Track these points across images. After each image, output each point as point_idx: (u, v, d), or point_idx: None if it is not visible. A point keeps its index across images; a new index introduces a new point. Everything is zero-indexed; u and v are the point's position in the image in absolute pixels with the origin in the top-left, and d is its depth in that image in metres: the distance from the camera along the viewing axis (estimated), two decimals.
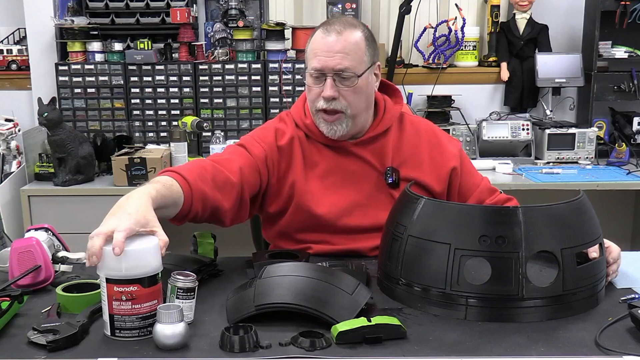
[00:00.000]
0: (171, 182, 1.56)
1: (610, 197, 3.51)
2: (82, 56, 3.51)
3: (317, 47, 1.75)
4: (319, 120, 1.80)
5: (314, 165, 1.83)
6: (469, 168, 1.94)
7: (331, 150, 1.83)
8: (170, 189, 1.54)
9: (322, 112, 1.77)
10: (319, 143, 1.84)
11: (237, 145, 1.83)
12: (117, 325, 1.26)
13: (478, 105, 3.69)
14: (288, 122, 1.88)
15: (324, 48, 1.74)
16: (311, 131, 1.84)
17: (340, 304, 1.32)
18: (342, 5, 3.59)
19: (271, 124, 1.90)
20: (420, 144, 1.88)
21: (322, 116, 1.78)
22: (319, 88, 1.76)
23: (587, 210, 1.43)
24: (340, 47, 1.72)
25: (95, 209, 3.07)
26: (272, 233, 1.90)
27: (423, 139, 1.89)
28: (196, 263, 1.57)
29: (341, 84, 1.74)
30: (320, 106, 1.76)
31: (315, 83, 1.77)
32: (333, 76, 1.73)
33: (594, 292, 1.41)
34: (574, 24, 3.68)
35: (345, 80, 1.74)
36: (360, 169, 1.83)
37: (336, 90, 1.74)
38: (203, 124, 3.27)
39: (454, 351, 1.23)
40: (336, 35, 1.73)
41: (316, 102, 1.77)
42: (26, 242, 1.53)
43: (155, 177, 1.59)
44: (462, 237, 1.35)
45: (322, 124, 1.80)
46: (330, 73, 1.73)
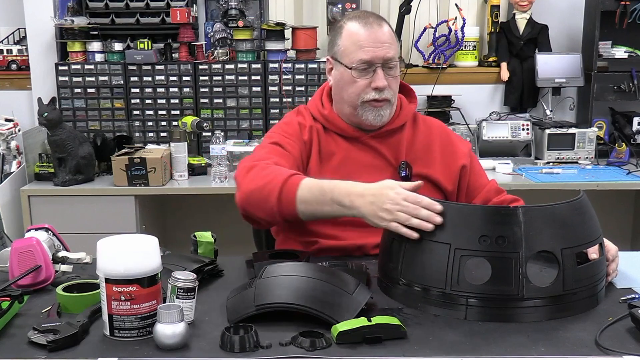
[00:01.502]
0: None
1: (610, 197, 3.51)
2: (82, 56, 3.51)
3: (361, 38, 1.76)
4: (364, 111, 1.80)
5: (330, 156, 1.84)
6: (478, 168, 1.96)
7: (347, 142, 1.85)
8: None
9: (370, 102, 1.78)
10: (336, 134, 1.86)
11: (273, 145, 1.81)
12: (116, 325, 1.26)
13: (478, 105, 3.69)
14: (306, 115, 1.89)
15: (370, 39, 1.75)
16: (329, 121, 1.85)
17: (341, 304, 1.32)
18: (342, 5, 3.60)
19: (292, 118, 1.90)
20: (432, 142, 1.90)
21: (370, 105, 1.79)
22: (366, 80, 1.77)
23: (587, 210, 1.43)
24: (385, 38, 1.77)
25: (95, 209, 3.09)
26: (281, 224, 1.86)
27: (435, 137, 1.91)
28: (196, 263, 1.57)
29: (387, 74, 1.77)
30: (372, 97, 1.78)
31: (362, 75, 1.77)
32: (382, 66, 1.76)
33: (594, 292, 1.41)
34: (574, 24, 3.68)
35: (391, 69, 1.78)
36: (374, 162, 1.84)
37: (386, 78, 1.77)
38: (203, 124, 3.27)
39: (454, 351, 1.23)
40: (378, 27, 1.77)
41: (364, 94, 1.78)
42: (26, 242, 1.53)
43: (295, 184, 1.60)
44: (462, 237, 1.35)
45: (368, 112, 1.80)
46: (380, 63, 1.75)
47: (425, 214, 1.39)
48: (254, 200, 1.64)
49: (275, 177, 1.62)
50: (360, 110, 1.81)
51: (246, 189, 1.66)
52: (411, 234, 1.40)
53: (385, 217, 1.45)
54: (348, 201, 1.52)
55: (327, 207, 1.56)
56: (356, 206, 1.51)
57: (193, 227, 2.02)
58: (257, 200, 1.63)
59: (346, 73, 1.79)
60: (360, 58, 1.75)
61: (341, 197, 1.53)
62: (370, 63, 1.76)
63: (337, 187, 1.56)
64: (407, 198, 1.43)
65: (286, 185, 1.60)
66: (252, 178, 1.66)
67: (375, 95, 1.77)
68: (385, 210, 1.45)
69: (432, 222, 1.38)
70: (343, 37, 1.80)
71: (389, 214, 1.44)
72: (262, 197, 1.62)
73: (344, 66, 1.79)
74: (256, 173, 1.66)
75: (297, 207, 1.60)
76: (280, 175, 1.62)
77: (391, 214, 1.44)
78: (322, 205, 1.57)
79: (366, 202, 1.49)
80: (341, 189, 1.55)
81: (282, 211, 1.61)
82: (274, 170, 1.65)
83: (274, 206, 1.61)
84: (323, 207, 1.57)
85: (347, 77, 1.79)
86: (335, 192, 1.55)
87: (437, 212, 1.39)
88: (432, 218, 1.38)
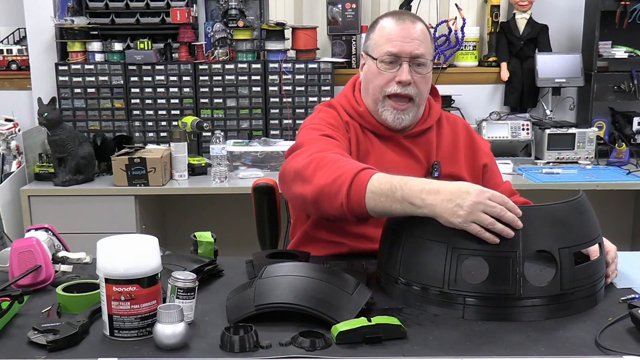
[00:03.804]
0: None
1: (610, 197, 3.51)
2: (82, 56, 3.51)
3: (392, 32, 1.77)
4: (384, 107, 1.80)
5: (366, 155, 1.82)
6: (495, 168, 1.98)
7: (382, 141, 1.84)
8: None
9: (390, 98, 1.78)
10: (372, 133, 1.85)
11: (326, 137, 1.73)
12: (116, 325, 1.26)
13: (478, 105, 3.70)
14: (341, 111, 1.86)
15: (400, 34, 1.76)
16: (365, 120, 1.84)
17: (341, 304, 1.32)
18: (342, 5, 3.60)
19: (332, 113, 1.85)
20: (457, 141, 1.92)
21: (389, 104, 1.78)
22: (391, 73, 1.77)
23: (586, 210, 1.43)
24: (416, 34, 1.77)
25: (95, 209, 3.09)
26: (310, 223, 1.85)
27: (459, 136, 1.93)
28: (196, 263, 1.57)
29: (414, 71, 1.77)
30: (393, 90, 1.77)
31: (388, 68, 1.77)
32: (409, 61, 1.76)
33: (592, 291, 1.41)
34: (574, 24, 3.68)
35: (419, 67, 1.77)
36: (408, 163, 1.84)
37: (411, 75, 1.76)
38: (203, 124, 3.27)
39: (454, 351, 1.23)
40: (411, 23, 1.78)
41: (386, 87, 1.78)
42: (26, 242, 1.53)
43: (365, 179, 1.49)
44: (460, 236, 1.35)
45: (387, 112, 1.80)
46: (407, 58, 1.76)
47: (510, 217, 1.32)
48: (325, 196, 1.53)
49: (345, 171, 1.51)
50: (381, 107, 1.80)
51: (317, 183, 1.55)
52: (493, 240, 1.32)
53: (465, 217, 1.33)
54: (419, 200, 1.39)
55: (396, 204, 1.43)
56: (428, 204, 1.37)
57: (193, 227, 2.02)
58: (328, 196, 1.53)
59: (374, 65, 1.79)
60: (387, 50, 1.76)
61: (412, 195, 1.40)
62: (396, 56, 1.76)
63: (408, 183, 1.43)
64: (492, 197, 1.34)
65: (356, 180, 1.49)
66: (324, 172, 1.55)
67: (397, 89, 1.76)
68: (466, 209, 1.33)
69: (515, 226, 1.32)
70: (376, 31, 1.82)
71: (470, 214, 1.33)
72: (332, 193, 1.52)
73: (373, 58, 1.80)
74: (328, 166, 1.56)
75: (367, 204, 1.47)
76: (351, 169, 1.51)
77: (473, 215, 1.33)
78: (392, 202, 1.43)
79: (442, 199, 1.36)
80: (412, 186, 1.42)
81: (351, 208, 1.50)
82: (345, 164, 1.55)
83: (344, 202, 1.50)
84: (392, 204, 1.43)
85: (374, 69, 1.79)
86: (405, 189, 1.42)
87: (519, 216, 1.33)
88: (515, 222, 1.32)
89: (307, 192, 1.57)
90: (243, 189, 3.00)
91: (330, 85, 3.46)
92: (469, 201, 1.33)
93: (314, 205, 1.58)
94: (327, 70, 3.47)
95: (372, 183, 1.47)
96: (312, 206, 1.59)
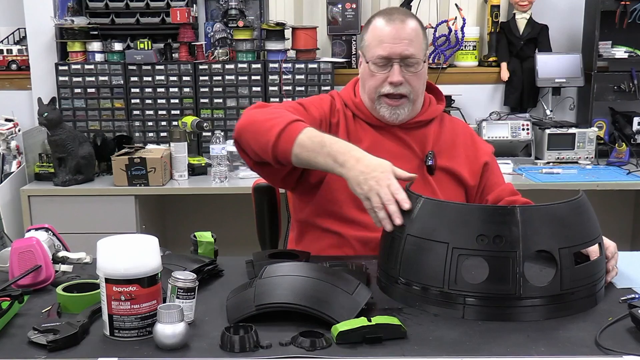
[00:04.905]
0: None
1: (610, 197, 3.51)
2: (82, 56, 3.51)
3: (382, 34, 1.80)
4: (380, 105, 1.84)
5: (358, 142, 1.81)
6: (496, 168, 2.00)
7: (375, 130, 1.88)
8: None
9: (385, 97, 1.82)
10: (365, 122, 1.89)
11: (296, 103, 1.85)
12: (116, 325, 1.26)
13: (478, 105, 3.70)
14: (338, 100, 1.92)
15: (389, 35, 1.79)
16: (359, 110, 1.89)
17: (341, 304, 1.32)
18: (342, 5, 3.60)
19: (325, 97, 1.92)
20: (457, 140, 1.94)
21: (385, 101, 1.83)
22: (383, 74, 1.81)
23: (586, 210, 1.43)
24: (406, 34, 1.79)
25: (95, 209, 3.09)
26: (306, 212, 1.89)
27: (460, 136, 1.96)
28: (196, 263, 1.57)
29: (406, 70, 1.80)
30: (386, 91, 1.81)
31: (380, 70, 1.81)
32: (399, 62, 1.79)
33: (592, 291, 1.41)
34: (574, 24, 3.68)
35: (410, 66, 1.80)
36: (401, 151, 1.87)
37: (402, 76, 1.80)
38: (203, 124, 3.27)
39: (454, 351, 1.23)
40: (400, 23, 1.80)
41: (380, 87, 1.82)
42: (26, 242, 1.53)
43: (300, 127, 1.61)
44: (460, 236, 1.35)
45: (384, 108, 1.84)
46: (397, 59, 1.79)
47: (392, 210, 1.43)
48: (253, 128, 1.66)
49: (282, 116, 1.64)
50: (377, 105, 1.85)
51: (250, 117, 1.69)
52: (376, 220, 1.46)
53: (364, 191, 1.48)
54: (342, 159, 1.53)
55: (320, 158, 1.56)
56: (347, 166, 1.52)
57: (193, 227, 2.02)
58: (257, 130, 1.65)
59: (367, 67, 1.83)
60: (378, 54, 1.79)
61: (338, 153, 1.54)
62: (387, 58, 1.79)
63: (338, 142, 1.58)
64: (390, 186, 1.46)
65: (290, 126, 1.61)
66: (261, 112, 1.69)
67: (390, 89, 1.80)
68: (368, 185, 1.48)
69: (393, 220, 1.43)
70: (369, 31, 1.85)
71: (369, 190, 1.47)
72: (262, 129, 1.63)
73: (366, 60, 1.84)
74: (266, 109, 1.70)
75: (293, 149, 1.59)
76: (288, 117, 1.64)
77: (369, 192, 1.47)
78: (317, 155, 1.57)
79: (357, 167, 1.51)
80: (341, 146, 1.56)
81: (276, 147, 1.60)
82: (284, 112, 1.67)
83: (271, 140, 1.60)
84: (317, 156, 1.57)
85: (367, 70, 1.83)
86: (334, 147, 1.56)
87: (405, 209, 1.42)
88: (394, 217, 1.43)
89: (240, 121, 1.70)
90: (243, 189, 3.00)
91: (330, 85, 3.46)
92: (372, 181, 1.48)
93: (238, 135, 1.70)
94: (327, 70, 3.48)
95: (305, 133, 1.60)
96: (236, 135, 1.71)
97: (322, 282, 1.36)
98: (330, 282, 1.37)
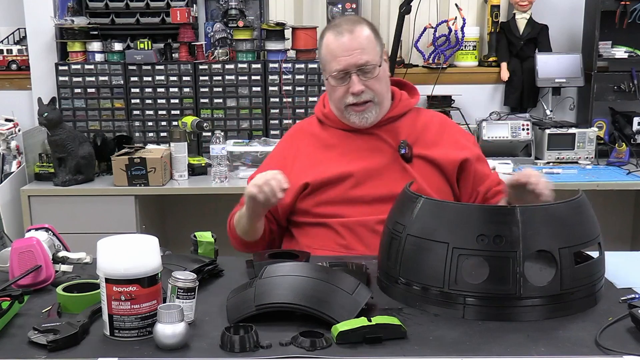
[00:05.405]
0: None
1: (610, 197, 3.51)
2: (82, 56, 3.51)
3: (334, 49, 1.87)
4: (349, 114, 1.92)
5: (333, 147, 1.96)
6: (483, 158, 2.04)
7: (346, 132, 1.96)
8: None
9: (351, 106, 1.89)
10: (334, 128, 1.98)
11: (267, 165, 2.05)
12: (116, 325, 1.26)
13: (478, 105, 3.69)
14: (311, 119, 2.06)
15: (341, 49, 1.86)
16: (329, 119, 1.99)
17: (341, 304, 1.32)
18: (342, 5, 3.60)
19: (282, 141, 2.10)
20: (433, 129, 1.99)
21: (352, 109, 1.91)
22: (344, 87, 1.88)
23: (585, 209, 1.43)
24: (357, 44, 1.85)
25: (95, 209, 3.09)
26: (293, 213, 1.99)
27: (436, 124, 2.02)
28: (196, 263, 1.58)
29: (364, 77, 1.87)
30: (350, 101, 1.88)
31: (340, 83, 1.88)
32: (357, 72, 1.85)
33: (592, 291, 1.41)
34: (574, 24, 3.68)
35: (367, 72, 1.87)
36: (375, 144, 1.94)
37: (362, 83, 1.86)
38: (203, 124, 3.27)
39: (454, 351, 1.23)
40: (349, 34, 1.86)
41: (344, 99, 1.90)
42: (26, 242, 1.53)
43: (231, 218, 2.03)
44: (460, 236, 1.35)
45: (352, 116, 1.92)
46: (354, 70, 1.85)
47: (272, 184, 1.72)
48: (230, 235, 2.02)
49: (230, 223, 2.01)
50: (346, 114, 1.92)
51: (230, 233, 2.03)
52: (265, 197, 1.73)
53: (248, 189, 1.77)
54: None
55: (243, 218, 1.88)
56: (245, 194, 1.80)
57: (193, 227, 2.02)
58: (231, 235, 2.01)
59: (331, 82, 1.90)
60: (335, 68, 1.88)
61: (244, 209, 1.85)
62: (344, 71, 1.86)
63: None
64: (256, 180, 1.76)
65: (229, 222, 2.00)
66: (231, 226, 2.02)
67: (353, 99, 1.88)
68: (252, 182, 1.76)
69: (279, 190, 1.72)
70: (322, 49, 1.93)
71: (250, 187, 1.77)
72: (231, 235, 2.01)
73: (326, 77, 1.92)
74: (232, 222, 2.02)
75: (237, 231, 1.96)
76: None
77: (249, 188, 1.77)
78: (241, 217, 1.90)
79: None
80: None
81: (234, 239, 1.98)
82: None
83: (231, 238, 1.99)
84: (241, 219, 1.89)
85: (329, 85, 1.92)
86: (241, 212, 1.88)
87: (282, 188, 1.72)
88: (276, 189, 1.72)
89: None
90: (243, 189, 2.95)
91: None
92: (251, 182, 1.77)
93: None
94: None
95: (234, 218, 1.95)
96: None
97: (322, 282, 1.36)
98: (330, 282, 1.37)
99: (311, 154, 1.96)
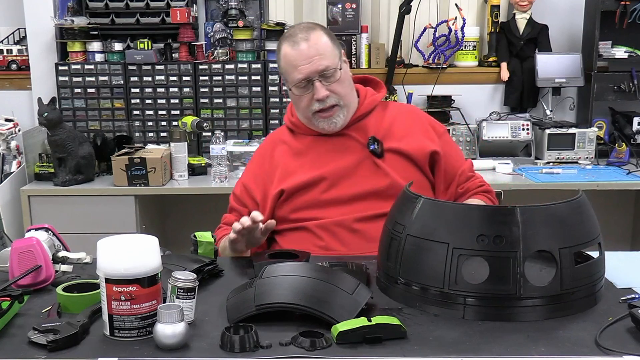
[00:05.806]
0: None
1: (610, 197, 3.51)
2: (82, 56, 3.51)
3: (292, 59, 1.89)
4: (317, 121, 1.94)
5: (301, 153, 1.98)
6: (452, 151, 2.04)
7: (315, 137, 1.98)
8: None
9: (318, 112, 1.91)
10: (304, 135, 2.00)
11: (234, 195, 2.10)
12: (116, 325, 1.26)
13: (478, 105, 3.69)
14: (276, 133, 2.10)
15: (300, 58, 1.87)
16: (297, 127, 2.01)
17: (341, 304, 1.32)
18: (342, 5, 3.60)
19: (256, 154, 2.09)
20: (402, 121, 2.01)
21: (319, 115, 1.92)
22: (308, 94, 1.90)
23: (585, 210, 1.43)
24: (314, 51, 1.87)
25: (95, 209, 3.09)
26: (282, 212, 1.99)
27: (405, 117, 2.03)
28: (196, 263, 1.58)
29: (327, 82, 1.88)
30: (317, 107, 1.90)
31: (304, 92, 1.90)
32: (319, 78, 1.87)
33: (592, 291, 1.41)
34: (574, 24, 3.68)
35: (329, 77, 1.88)
36: (344, 145, 1.96)
37: (326, 88, 1.88)
38: (203, 124, 3.27)
39: (454, 351, 1.23)
40: (305, 42, 1.88)
41: (310, 107, 1.91)
42: (26, 242, 1.53)
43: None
44: (460, 236, 1.35)
45: (321, 123, 1.93)
46: (316, 76, 1.87)
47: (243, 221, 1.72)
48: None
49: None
50: (314, 121, 1.94)
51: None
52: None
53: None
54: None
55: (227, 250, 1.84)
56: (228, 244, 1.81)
57: (193, 227, 2.02)
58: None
59: (295, 92, 1.92)
60: (297, 78, 1.88)
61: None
62: (306, 80, 1.87)
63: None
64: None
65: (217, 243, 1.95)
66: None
67: (319, 105, 1.90)
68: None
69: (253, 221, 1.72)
70: (281, 61, 1.94)
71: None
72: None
73: (289, 88, 1.93)
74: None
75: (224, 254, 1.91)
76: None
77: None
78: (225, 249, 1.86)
79: None
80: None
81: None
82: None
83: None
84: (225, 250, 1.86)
85: (293, 96, 1.94)
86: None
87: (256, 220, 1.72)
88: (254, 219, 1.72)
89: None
90: None
91: None
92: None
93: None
94: None
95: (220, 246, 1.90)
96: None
97: (322, 282, 1.36)
98: (330, 282, 1.37)
99: (285, 163, 1.98)
